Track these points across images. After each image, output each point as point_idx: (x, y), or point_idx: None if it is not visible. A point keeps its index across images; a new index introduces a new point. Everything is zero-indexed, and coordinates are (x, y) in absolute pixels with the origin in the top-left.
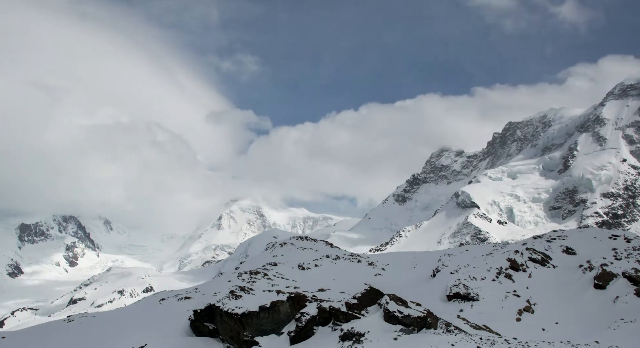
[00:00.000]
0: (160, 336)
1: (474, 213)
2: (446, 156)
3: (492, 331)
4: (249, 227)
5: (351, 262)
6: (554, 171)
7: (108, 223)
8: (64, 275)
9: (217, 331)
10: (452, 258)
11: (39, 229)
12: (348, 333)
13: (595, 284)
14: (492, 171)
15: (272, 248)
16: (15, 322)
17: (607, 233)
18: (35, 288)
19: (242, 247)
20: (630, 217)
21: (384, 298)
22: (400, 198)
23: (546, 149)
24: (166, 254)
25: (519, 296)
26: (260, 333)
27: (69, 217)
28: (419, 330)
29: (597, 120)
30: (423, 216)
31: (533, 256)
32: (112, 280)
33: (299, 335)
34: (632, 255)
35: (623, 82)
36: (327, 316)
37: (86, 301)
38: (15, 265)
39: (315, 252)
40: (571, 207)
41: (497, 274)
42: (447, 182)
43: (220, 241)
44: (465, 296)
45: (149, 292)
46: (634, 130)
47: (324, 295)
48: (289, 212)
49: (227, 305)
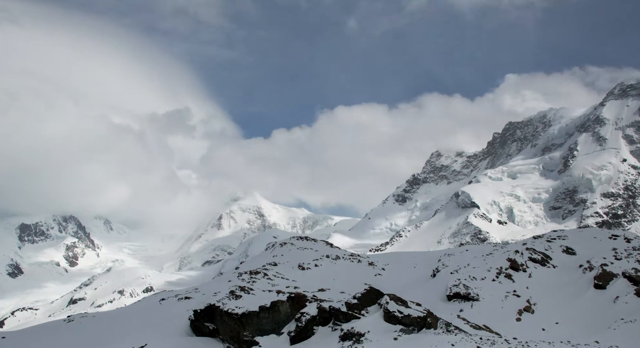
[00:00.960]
0: (160, 336)
1: (474, 213)
2: (446, 156)
3: (492, 331)
4: (249, 227)
5: (351, 262)
6: (554, 171)
7: (108, 223)
8: (64, 275)
9: (217, 331)
10: (452, 258)
11: (39, 229)
12: (348, 333)
13: (595, 284)
14: (492, 171)
15: (272, 248)
16: (15, 322)
17: (607, 233)
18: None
19: (242, 247)
20: (630, 217)
21: (384, 298)
22: (400, 198)
23: (546, 149)
24: (166, 254)
25: (519, 296)
26: (260, 333)
27: (69, 217)
28: (419, 330)
29: (597, 120)
30: (423, 216)
31: (533, 256)
32: (112, 280)
33: (299, 335)
34: (632, 255)
35: (623, 82)
36: (327, 316)
37: (86, 301)
38: (15, 265)
39: (315, 252)
40: (571, 207)
41: (497, 274)
42: (447, 182)
43: (220, 241)
44: (465, 296)
45: (149, 292)
46: (634, 130)
47: (324, 295)
48: (289, 212)
49: (227, 305)
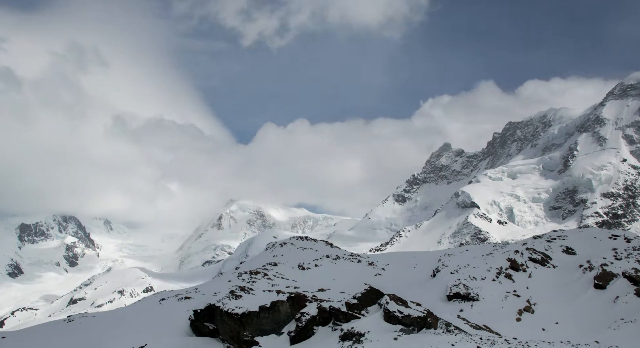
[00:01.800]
0: (160, 336)
1: (474, 213)
2: (446, 156)
3: (492, 331)
4: (249, 227)
5: (351, 262)
6: (554, 171)
7: (108, 223)
8: (64, 275)
9: (217, 331)
10: (452, 258)
11: (39, 229)
12: (348, 333)
13: (595, 284)
14: (492, 171)
15: (272, 248)
16: (15, 322)
17: (607, 233)
18: (35, 288)
19: (242, 247)
20: (630, 217)
21: (384, 298)
22: (400, 198)
23: (546, 149)
24: (166, 254)
25: (519, 296)
26: (260, 333)
27: (69, 217)
28: (419, 330)
29: (597, 120)
30: (423, 216)
31: (533, 256)
32: (112, 280)
33: (299, 335)
34: (632, 255)
35: (623, 82)
36: (327, 316)
37: (86, 301)
38: (15, 265)
39: (315, 252)
40: (571, 207)
41: (497, 274)
42: (447, 182)
43: (220, 241)
44: (465, 296)
45: (149, 292)
46: (634, 130)
47: (324, 295)
48: (289, 212)
49: (227, 305)
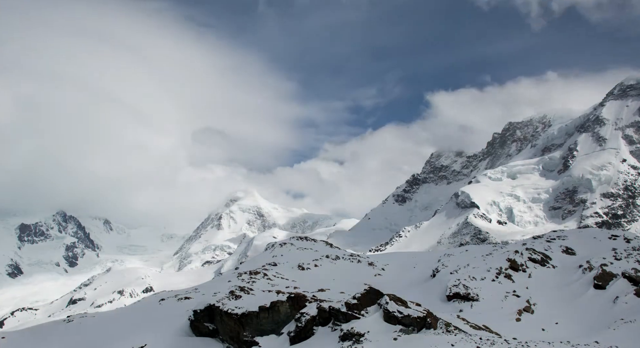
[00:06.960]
0: (160, 336)
1: (473, 213)
2: (446, 156)
3: (492, 331)
4: (249, 227)
5: (351, 262)
6: (554, 171)
7: (108, 223)
8: (64, 275)
9: (217, 331)
10: (452, 259)
11: (39, 229)
12: (348, 334)
13: (595, 284)
14: (492, 171)
15: (272, 248)
16: (15, 322)
17: (606, 234)
18: (35, 288)
19: (242, 247)
20: (630, 217)
21: (384, 298)
22: (400, 198)
23: (546, 149)
24: (166, 254)
25: (518, 296)
26: (260, 334)
27: (69, 217)
28: (419, 330)
29: (596, 120)
30: (423, 216)
31: (533, 256)
32: (112, 280)
33: (299, 335)
34: (632, 255)
35: (623, 82)
36: (327, 316)
37: (86, 301)
38: (15, 265)
39: (315, 252)
40: (571, 207)
41: (497, 274)
42: (447, 182)
43: (220, 241)
44: (465, 296)
45: (149, 292)
46: (634, 130)
47: (324, 295)
48: (289, 212)
49: (227, 305)
